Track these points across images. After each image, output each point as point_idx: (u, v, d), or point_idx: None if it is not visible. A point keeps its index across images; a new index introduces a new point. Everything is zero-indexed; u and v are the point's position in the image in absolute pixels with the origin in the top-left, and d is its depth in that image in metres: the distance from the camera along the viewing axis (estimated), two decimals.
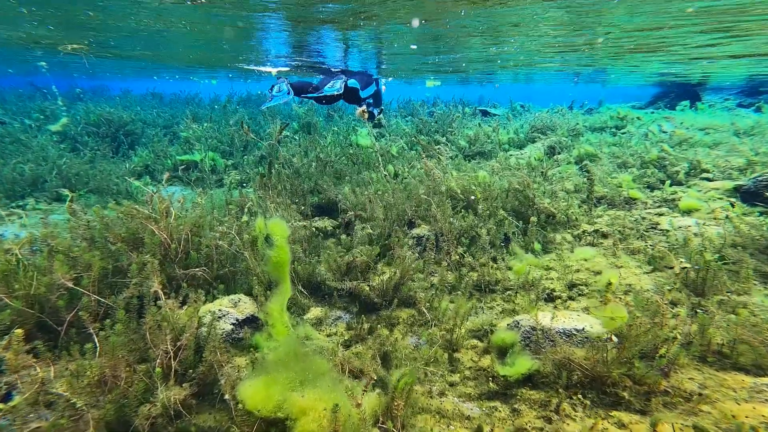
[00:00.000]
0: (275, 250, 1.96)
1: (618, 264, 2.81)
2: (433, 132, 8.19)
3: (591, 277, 2.80)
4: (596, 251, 3.05)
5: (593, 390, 1.82)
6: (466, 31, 5.71)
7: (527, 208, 3.83)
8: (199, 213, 2.74)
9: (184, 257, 2.48)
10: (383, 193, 4.02)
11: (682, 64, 8.86)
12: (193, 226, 2.58)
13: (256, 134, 9.09)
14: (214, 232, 2.76)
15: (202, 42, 7.87)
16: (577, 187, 4.45)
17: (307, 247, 3.60)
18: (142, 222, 2.25)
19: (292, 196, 4.68)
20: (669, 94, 13.46)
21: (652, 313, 1.79)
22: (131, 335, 1.73)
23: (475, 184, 3.93)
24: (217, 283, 2.62)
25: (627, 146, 5.28)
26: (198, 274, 2.48)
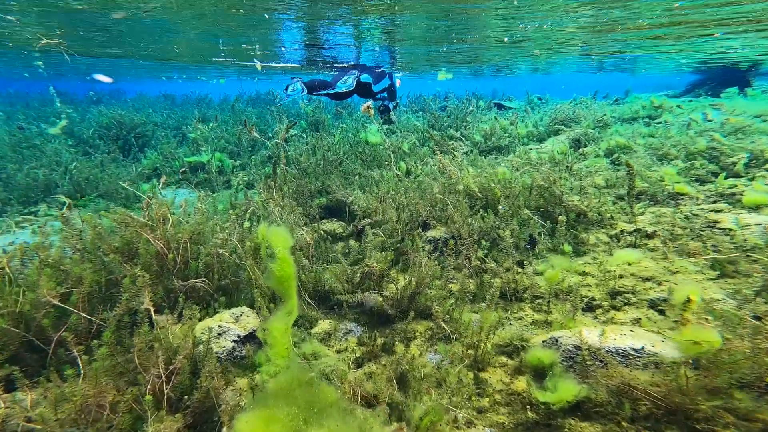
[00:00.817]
0: (278, 263, 1.76)
1: (672, 269, 2.46)
2: (446, 127, 7.86)
3: (639, 284, 2.46)
4: (641, 254, 2.70)
5: (673, 426, 1.52)
6: (481, 7, 5.33)
7: (554, 207, 3.51)
8: (199, 219, 2.60)
9: (183, 267, 2.34)
10: (396, 192, 3.78)
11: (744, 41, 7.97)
12: (193, 234, 2.43)
13: (263, 133, 9.05)
14: (216, 240, 2.61)
15: (209, 30, 7.80)
16: (609, 182, 4.06)
17: (313, 253, 3.42)
18: (137, 231, 2.11)
19: (299, 197, 4.52)
20: (709, 81, 12.50)
21: (751, 333, 1.47)
22: (119, 358, 1.57)
23: (494, 182, 3.63)
24: (219, 295, 2.47)
25: (666, 137, 4.80)
26: (198, 285, 2.33)
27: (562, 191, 3.33)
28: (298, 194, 4.46)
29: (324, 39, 8.30)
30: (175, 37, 7.89)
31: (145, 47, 9.05)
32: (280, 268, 1.79)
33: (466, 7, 5.52)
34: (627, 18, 5.90)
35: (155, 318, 1.86)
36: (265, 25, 7.06)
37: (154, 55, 10.66)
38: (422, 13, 6.04)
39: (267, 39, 8.62)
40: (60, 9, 5.63)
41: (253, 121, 10.15)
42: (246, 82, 24.20)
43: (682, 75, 18.20)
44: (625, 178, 3.89)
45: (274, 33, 7.80)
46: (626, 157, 4.27)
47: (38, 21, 6.54)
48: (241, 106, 11.82)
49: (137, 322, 1.76)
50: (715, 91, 11.17)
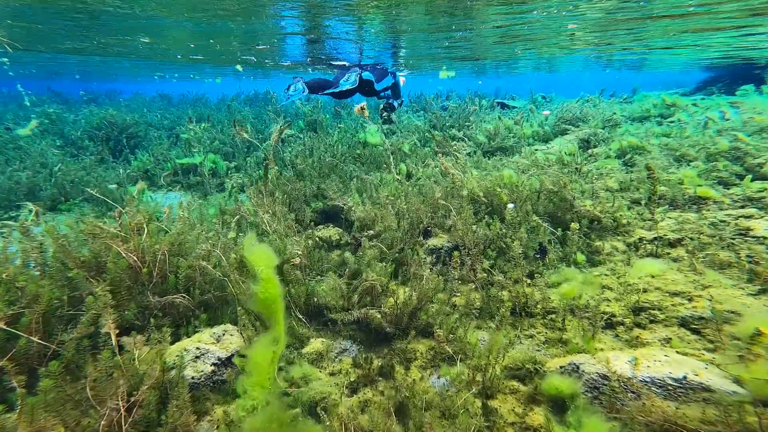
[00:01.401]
0: (261, 285, 1.57)
1: (703, 282, 2.24)
2: (448, 127, 7.67)
3: (666, 299, 2.24)
4: (664, 264, 2.49)
5: None
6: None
7: (565, 212, 3.30)
8: (180, 228, 2.40)
9: (160, 282, 2.14)
10: (395, 197, 3.58)
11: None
12: (172, 245, 2.24)
13: (260, 134, 8.88)
14: (199, 251, 2.42)
15: (204, 30, 7.67)
16: (622, 184, 3.85)
17: (306, 263, 3.22)
18: (107, 242, 1.92)
19: (293, 202, 4.33)
20: (722, 79, 12.24)
21: None
22: (68, 389, 1.38)
23: (500, 186, 3.43)
24: (201, 312, 2.27)
25: (683, 137, 4.58)
26: (177, 301, 2.13)
27: (574, 195, 3.12)
28: (292, 199, 4.26)
29: (325, 32, 8.12)
30: (165, 32, 7.74)
31: (129, 42, 8.89)
32: (264, 290, 1.59)
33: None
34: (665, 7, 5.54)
35: (123, 340, 1.66)
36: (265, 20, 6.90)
37: (139, 52, 10.51)
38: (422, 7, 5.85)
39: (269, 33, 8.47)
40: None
41: (250, 121, 10.00)
42: (244, 81, 24.12)
43: (690, 73, 17.93)
44: (640, 180, 3.68)
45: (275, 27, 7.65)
46: (642, 159, 4.05)
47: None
48: (238, 106, 11.67)
49: (100, 345, 1.57)
50: (729, 88, 10.91)
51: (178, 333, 2.17)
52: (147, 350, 1.66)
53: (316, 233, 4.29)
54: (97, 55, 11.47)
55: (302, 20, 6.93)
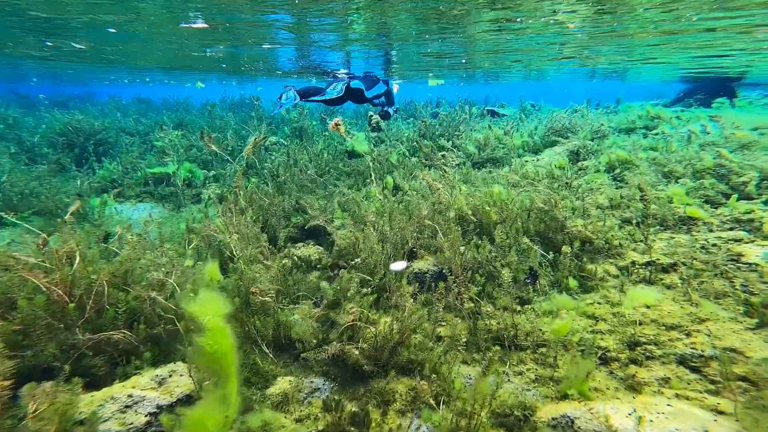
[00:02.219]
0: (209, 337, 1.34)
1: (700, 315, 2.13)
2: (438, 136, 7.59)
3: (662, 333, 2.12)
4: (658, 293, 2.38)
5: None
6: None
7: (555, 233, 3.18)
8: (127, 254, 2.14)
9: (95, 317, 1.87)
10: (379, 215, 3.40)
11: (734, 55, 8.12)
12: (114, 275, 1.97)
13: (243, 140, 8.59)
14: (150, 279, 2.16)
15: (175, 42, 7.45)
16: (612, 201, 3.79)
17: (281, 289, 2.98)
18: (24, 275, 1.65)
19: (272, 218, 4.09)
20: (698, 91, 12.73)
21: None
22: None
23: (489, 203, 3.30)
24: (146, 348, 2.00)
25: (669, 151, 4.60)
26: (114, 338, 1.87)
27: (565, 216, 3.01)
28: (270, 215, 4.02)
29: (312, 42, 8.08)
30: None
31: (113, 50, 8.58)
32: (212, 342, 1.36)
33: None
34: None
35: (23, 390, 1.39)
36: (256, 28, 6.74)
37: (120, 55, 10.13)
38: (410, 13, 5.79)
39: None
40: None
41: (233, 127, 9.69)
42: (230, 86, 23.72)
43: (670, 84, 18.67)
44: (630, 197, 3.62)
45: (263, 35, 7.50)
46: (631, 174, 4.01)
47: None
48: (221, 112, 11.34)
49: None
50: (705, 100, 11.33)
51: (116, 374, 1.89)
52: (60, 401, 1.39)
53: (295, 252, 4.05)
54: (65, 61, 11.03)
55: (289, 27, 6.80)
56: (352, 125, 10.62)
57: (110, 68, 13.60)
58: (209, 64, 11.93)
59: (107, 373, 1.84)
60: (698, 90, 12.85)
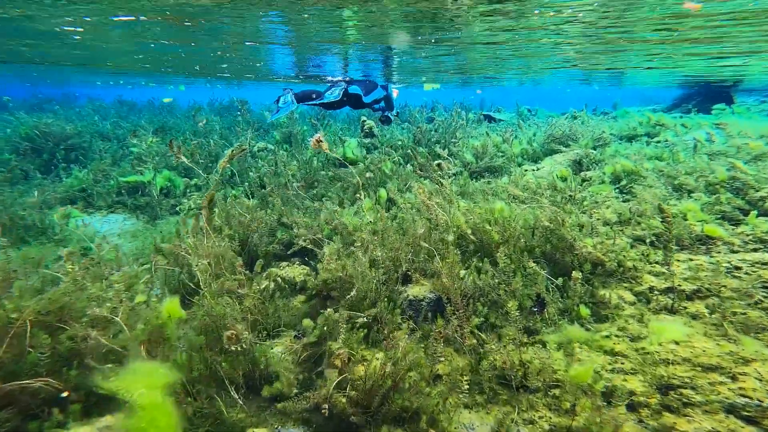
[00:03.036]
0: (144, 415, 1.04)
1: (743, 354, 1.90)
2: (434, 142, 7.39)
3: (699, 375, 1.88)
4: (686, 326, 2.15)
5: None
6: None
7: (563, 254, 2.95)
8: (64, 288, 1.82)
9: (9, 362, 1.56)
10: (372, 233, 3.13)
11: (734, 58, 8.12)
12: (39, 313, 1.66)
13: (231, 146, 8.27)
14: (94, 312, 1.84)
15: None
16: (621, 216, 3.59)
17: (259, 320, 2.68)
18: None
19: (252, 234, 3.78)
20: (695, 96, 12.84)
21: None
22: None
23: (490, 222, 3.06)
24: (79, 396, 1.67)
25: (676, 161, 4.44)
26: (34, 386, 1.55)
27: (574, 237, 2.79)
28: (250, 231, 3.72)
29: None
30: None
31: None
32: (148, 420, 1.07)
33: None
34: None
35: None
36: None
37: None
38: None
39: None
40: None
41: (218, 132, 9.37)
42: (218, 89, 23.35)
43: (665, 89, 18.93)
44: (640, 212, 3.42)
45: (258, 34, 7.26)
46: (641, 187, 3.82)
47: None
48: (206, 116, 11.00)
49: None
50: (702, 106, 11.41)
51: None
52: None
53: (278, 272, 3.75)
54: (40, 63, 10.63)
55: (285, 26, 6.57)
56: (344, 131, 10.39)
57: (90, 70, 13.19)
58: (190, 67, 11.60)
59: (13, 431, 1.51)
60: (695, 96, 12.96)
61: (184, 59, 10.06)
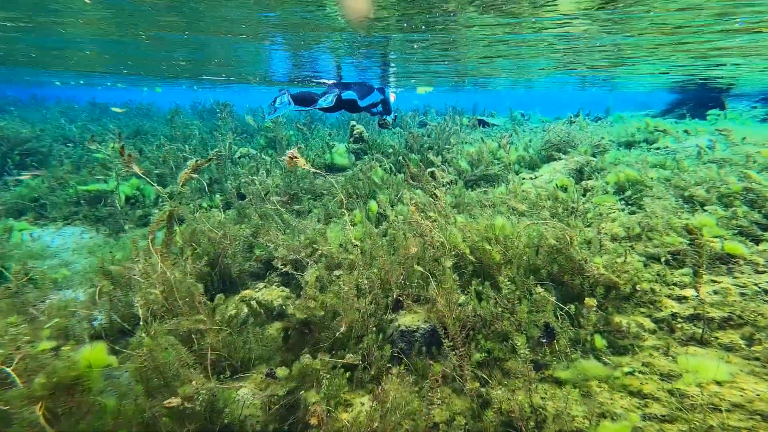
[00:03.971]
0: None
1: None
2: (426, 148, 7.17)
3: (759, 425, 1.62)
4: (721, 360, 1.91)
5: None
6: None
7: (572, 276, 2.71)
8: None
9: None
10: (360, 252, 2.83)
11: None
12: None
13: (211, 150, 7.87)
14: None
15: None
16: (630, 231, 3.38)
17: (223, 354, 2.33)
18: None
19: (227, 250, 3.43)
20: (687, 101, 13.08)
21: None
22: None
23: (490, 240, 2.80)
24: None
25: (681, 169, 4.30)
26: None
27: (585, 257, 2.55)
28: (222, 250, 3.37)
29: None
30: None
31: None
32: None
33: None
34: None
35: None
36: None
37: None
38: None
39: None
40: None
41: (196, 137, 8.96)
42: (203, 91, 22.87)
43: (656, 93, 19.40)
44: (649, 226, 3.22)
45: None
46: (649, 200, 3.64)
47: None
48: (184, 119, 10.57)
49: None
50: (695, 112, 11.60)
51: None
52: None
53: (254, 294, 3.40)
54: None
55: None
56: (333, 136, 10.11)
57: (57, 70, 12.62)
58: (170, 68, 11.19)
59: None
60: (687, 100, 13.21)
61: (158, 56, 9.62)
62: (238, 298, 3.34)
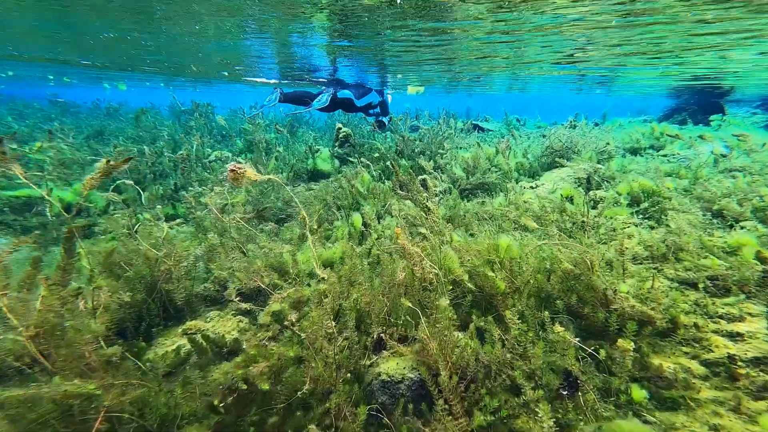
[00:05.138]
0: None
1: None
2: (418, 153, 6.80)
3: None
4: None
5: None
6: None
7: (594, 308, 2.30)
8: None
9: None
10: (338, 277, 2.36)
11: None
12: None
13: (175, 152, 7.32)
14: None
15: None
16: (653, 251, 3.02)
17: (135, 419, 1.80)
18: None
19: (167, 274, 2.90)
20: (686, 106, 13.18)
21: None
22: None
23: (493, 266, 2.38)
24: None
25: (702, 179, 4.01)
26: None
27: (614, 288, 2.14)
28: (161, 274, 2.84)
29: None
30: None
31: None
32: None
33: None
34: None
35: None
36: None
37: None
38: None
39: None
40: None
41: (163, 139, 8.40)
42: (181, 91, 22.23)
43: (652, 98, 19.74)
44: (677, 245, 2.86)
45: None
46: (673, 213, 3.29)
47: None
48: (152, 119, 9.98)
49: None
50: (696, 117, 11.66)
51: None
52: None
53: (202, 325, 2.88)
54: None
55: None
56: (317, 140, 9.68)
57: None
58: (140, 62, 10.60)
59: None
60: (685, 106, 13.32)
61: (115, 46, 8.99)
62: (181, 330, 2.81)
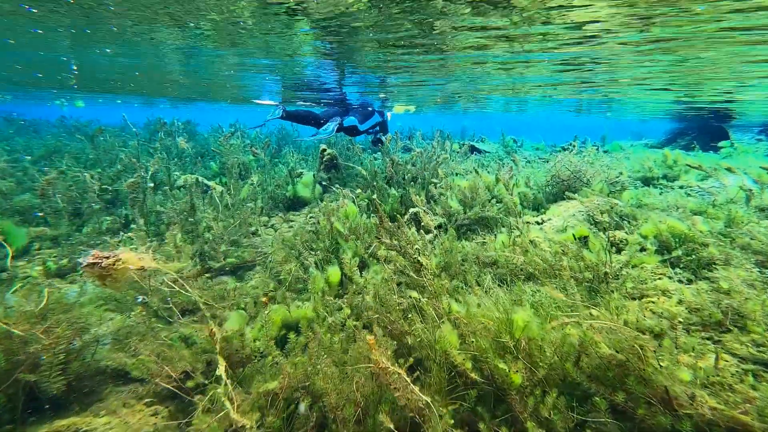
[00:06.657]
0: None
1: None
2: (409, 180, 6.40)
3: None
4: None
5: None
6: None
7: (651, 409, 1.78)
8: None
9: None
10: (294, 365, 1.80)
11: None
12: None
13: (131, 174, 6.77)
14: None
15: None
16: (703, 316, 2.55)
17: None
18: None
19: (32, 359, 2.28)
20: (688, 131, 13.36)
21: None
22: None
23: (504, 350, 1.86)
24: None
25: (746, 222, 3.61)
26: None
27: (684, 386, 1.64)
28: (16, 364, 2.23)
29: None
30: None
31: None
32: None
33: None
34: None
35: None
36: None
37: None
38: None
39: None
40: None
41: (124, 163, 7.87)
42: (159, 108, 22.01)
43: (650, 122, 20.25)
44: (736, 310, 2.40)
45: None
46: (722, 269, 2.87)
47: None
48: (123, 139, 9.48)
49: None
50: (699, 142, 11.73)
51: None
52: None
53: (86, 421, 2.25)
54: None
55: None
56: (302, 162, 9.29)
57: None
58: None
59: None
60: (688, 130, 13.50)
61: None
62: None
